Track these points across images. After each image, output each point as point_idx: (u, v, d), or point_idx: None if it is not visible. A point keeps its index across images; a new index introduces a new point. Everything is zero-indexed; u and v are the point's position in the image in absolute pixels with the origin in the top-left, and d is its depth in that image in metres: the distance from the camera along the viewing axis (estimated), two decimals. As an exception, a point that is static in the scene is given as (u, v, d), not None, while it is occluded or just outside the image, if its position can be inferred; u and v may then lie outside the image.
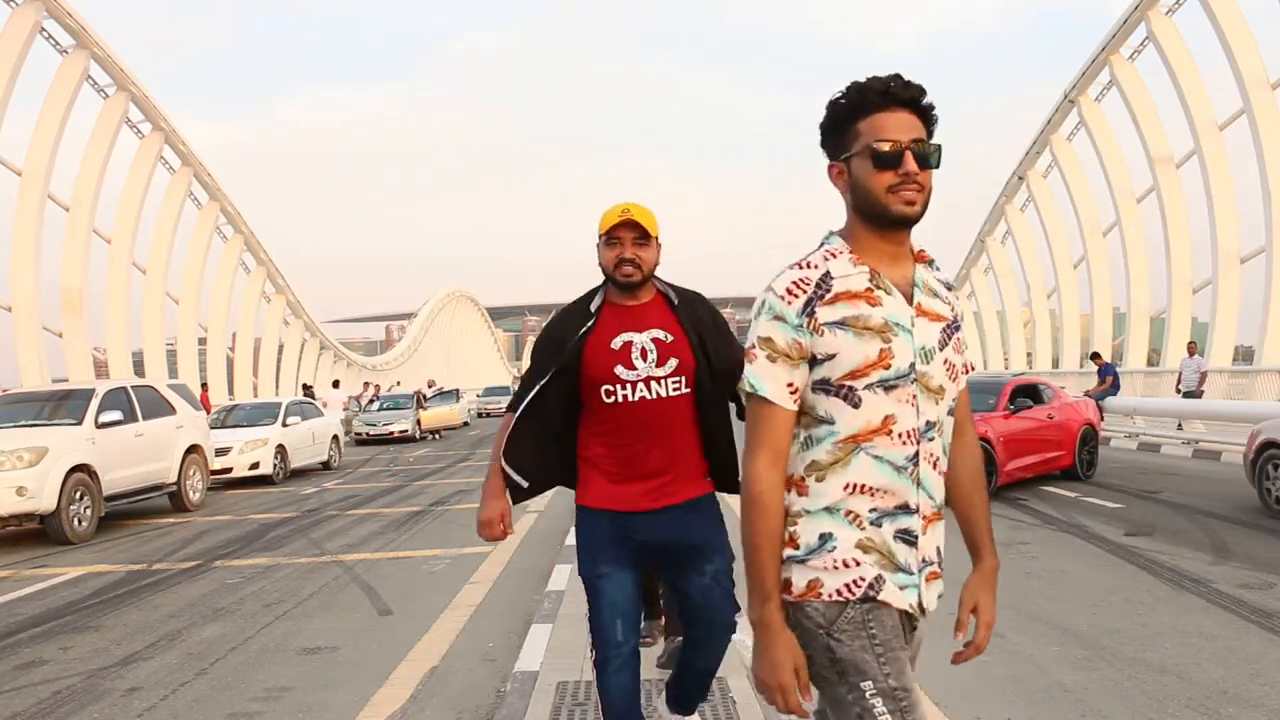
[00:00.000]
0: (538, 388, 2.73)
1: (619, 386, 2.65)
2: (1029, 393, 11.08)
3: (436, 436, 27.03)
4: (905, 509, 1.71)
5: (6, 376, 22.82)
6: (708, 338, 2.71)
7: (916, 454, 1.69)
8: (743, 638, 4.65)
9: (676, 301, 2.76)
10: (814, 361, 1.67)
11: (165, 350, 29.58)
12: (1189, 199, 24.12)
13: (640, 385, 2.65)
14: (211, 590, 7.03)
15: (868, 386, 1.65)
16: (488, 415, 40.81)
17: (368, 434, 24.74)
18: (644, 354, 2.66)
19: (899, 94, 1.66)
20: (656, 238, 2.72)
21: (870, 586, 1.67)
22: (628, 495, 2.69)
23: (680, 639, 3.16)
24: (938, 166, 1.71)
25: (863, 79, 1.70)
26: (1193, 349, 18.08)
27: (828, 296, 1.65)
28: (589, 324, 2.69)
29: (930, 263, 1.80)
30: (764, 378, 1.67)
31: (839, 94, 1.70)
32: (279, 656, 5.14)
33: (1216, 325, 22.07)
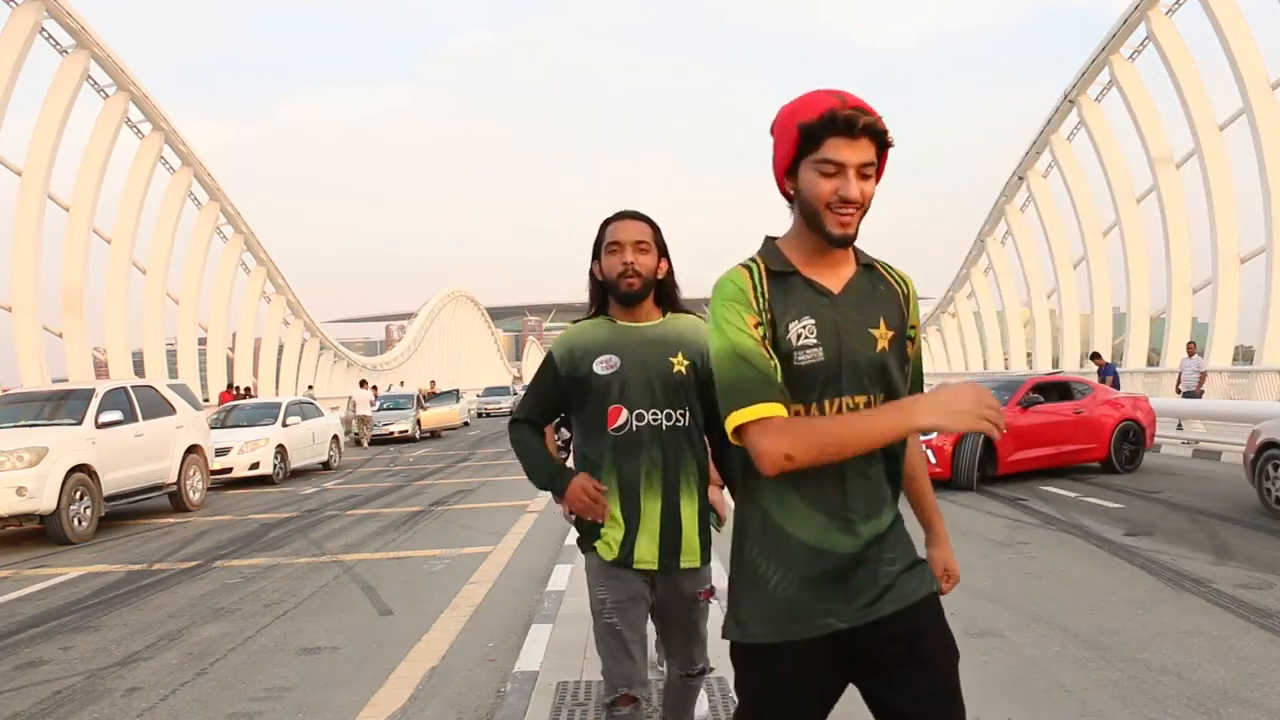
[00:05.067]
0: None
1: None
2: (1056, 389, 11.95)
3: (436, 437, 27.04)
4: None
5: (6, 376, 22.84)
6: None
7: None
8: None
9: None
10: None
11: (165, 350, 29.56)
12: (1189, 199, 24.14)
13: None
14: (211, 590, 7.03)
15: None
16: (487, 415, 40.82)
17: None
18: None
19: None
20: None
21: None
22: None
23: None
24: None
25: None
26: (1192, 349, 18.08)
27: None
28: None
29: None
30: None
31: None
32: (279, 656, 5.14)
33: (1216, 325, 22.08)
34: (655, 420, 2.52)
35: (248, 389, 28.09)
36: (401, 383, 42.92)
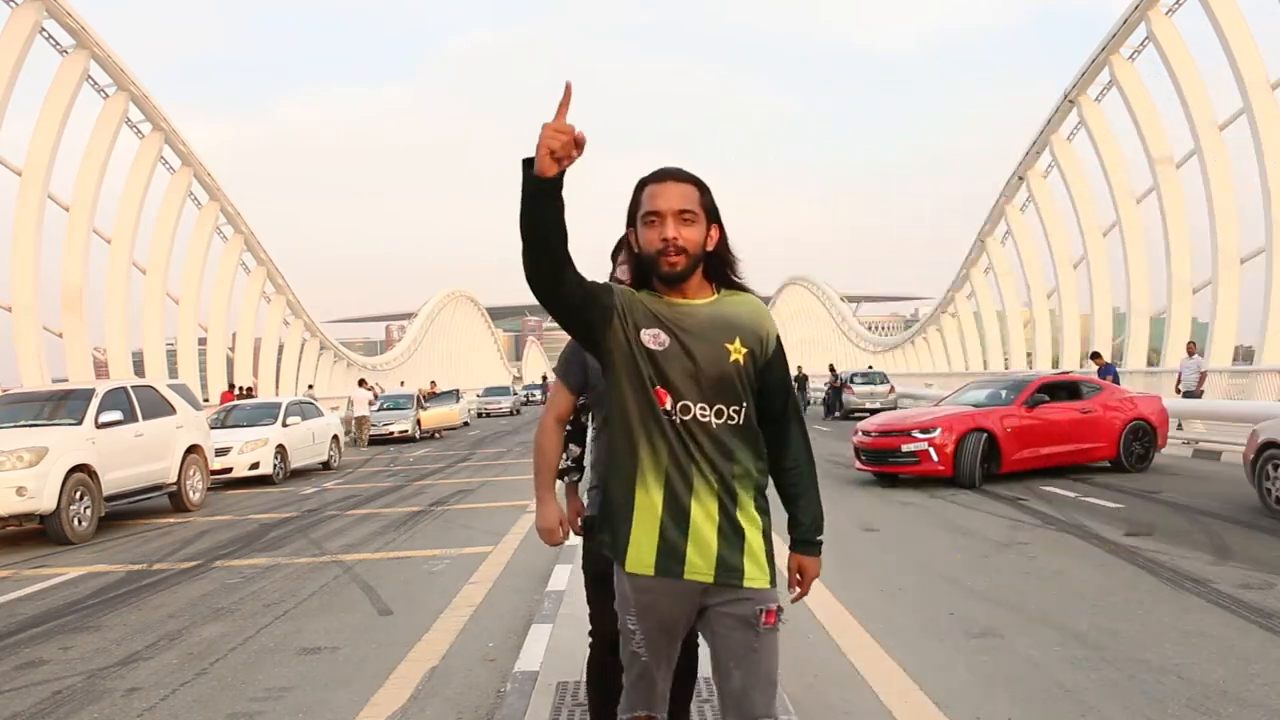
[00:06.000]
0: None
1: None
2: (1064, 389, 12.14)
3: (436, 437, 27.04)
4: None
5: (6, 376, 22.83)
6: None
7: None
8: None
9: None
10: None
11: (165, 350, 29.56)
12: (1189, 199, 24.14)
13: None
14: (211, 590, 7.03)
15: None
16: (487, 415, 40.82)
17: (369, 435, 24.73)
18: None
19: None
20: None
21: None
22: None
23: None
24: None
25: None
26: (1192, 349, 18.06)
27: None
28: None
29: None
30: None
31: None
32: (279, 656, 5.14)
33: (1216, 325, 22.08)
34: (704, 416, 2.14)
35: (249, 389, 28.07)
36: (402, 383, 42.94)
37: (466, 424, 32.70)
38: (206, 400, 24.73)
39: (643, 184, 2.16)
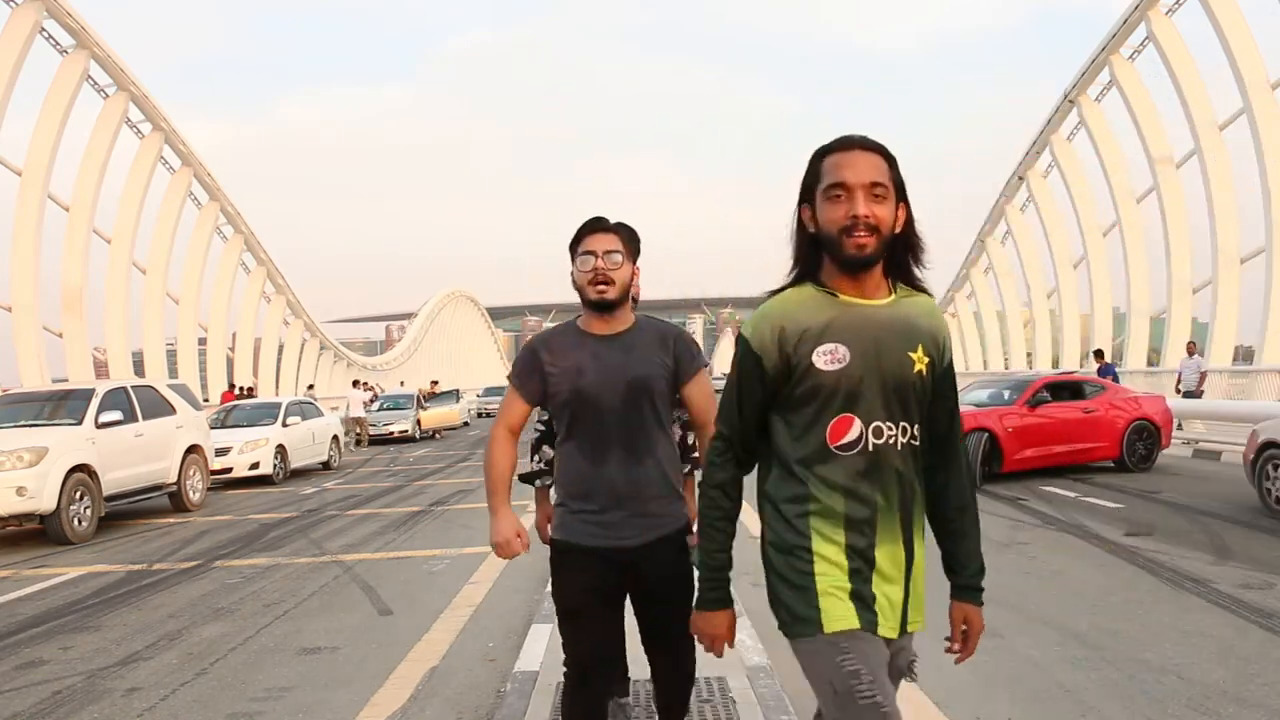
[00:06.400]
0: None
1: None
2: (1068, 389, 12.23)
3: (436, 436, 27.04)
4: None
5: (6, 376, 22.85)
6: None
7: None
8: (742, 637, 4.67)
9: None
10: None
11: (165, 350, 29.58)
12: (1189, 199, 24.15)
13: None
14: (211, 590, 7.03)
15: None
16: (487, 415, 40.80)
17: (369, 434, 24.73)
18: None
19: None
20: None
21: None
22: None
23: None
24: None
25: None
26: (1192, 349, 18.07)
27: None
28: None
29: None
30: None
31: None
32: (279, 656, 5.14)
33: (1216, 325, 22.09)
34: (892, 437, 1.85)
35: (249, 389, 28.08)
36: (401, 383, 42.96)
37: (466, 424, 32.69)
38: (206, 400, 24.74)
39: (823, 153, 1.85)
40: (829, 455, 1.83)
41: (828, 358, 1.81)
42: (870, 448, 1.83)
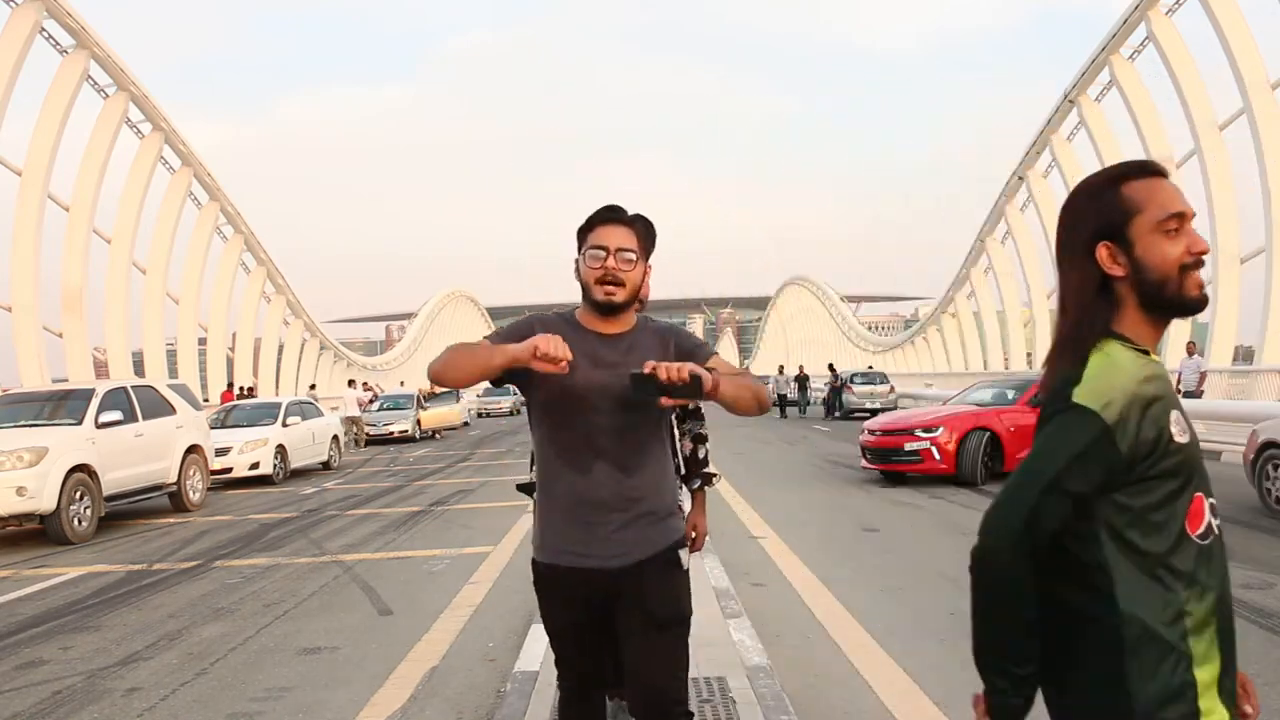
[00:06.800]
0: None
1: None
2: None
3: (436, 436, 27.05)
4: None
5: (6, 376, 22.88)
6: None
7: None
8: (742, 637, 4.67)
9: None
10: None
11: (165, 350, 29.60)
12: (1189, 199, 24.11)
13: None
14: (211, 590, 7.03)
15: None
16: (487, 415, 40.83)
17: (368, 434, 24.73)
18: None
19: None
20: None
21: None
22: None
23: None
24: None
25: None
26: (1192, 349, 18.07)
27: None
28: None
29: None
30: None
31: None
32: (279, 656, 5.14)
33: (1216, 325, 22.09)
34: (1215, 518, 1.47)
35: (250, 389, 28.09)
36: (401, 383, 43.00)
37: (466, 424, 32.70)
38: (206, 400, 24.75)
39: (1130, 174, 1.63)
40: (1189, 549, 1.41)
41: (1181, 430, 1.45)
42: (1215, 529, 1.45)
